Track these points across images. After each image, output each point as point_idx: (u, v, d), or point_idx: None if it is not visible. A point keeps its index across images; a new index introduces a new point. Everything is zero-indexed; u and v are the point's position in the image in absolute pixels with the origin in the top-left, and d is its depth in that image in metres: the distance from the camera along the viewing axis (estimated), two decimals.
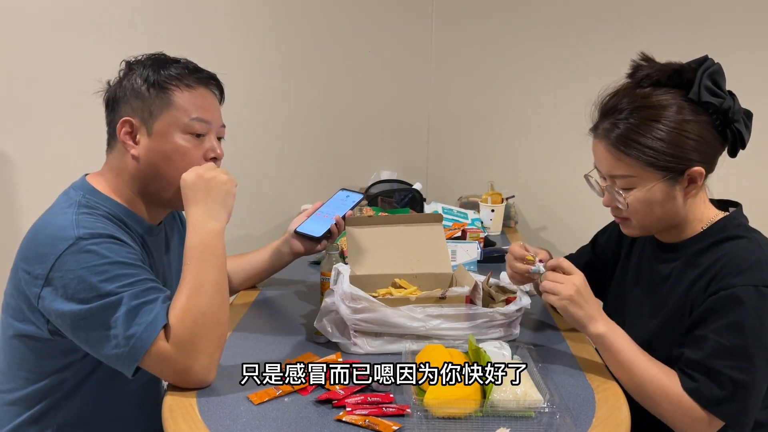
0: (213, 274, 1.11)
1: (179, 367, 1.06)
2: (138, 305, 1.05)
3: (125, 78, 1.21)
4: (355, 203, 1.54)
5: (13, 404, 1.18)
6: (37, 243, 1.10)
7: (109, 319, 1.04)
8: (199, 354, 1.06)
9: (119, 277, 1.06)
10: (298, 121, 2.54)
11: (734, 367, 1.04)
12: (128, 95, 1.19)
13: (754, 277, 1.07)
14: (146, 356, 1.04)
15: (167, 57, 1.24)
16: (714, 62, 1.14)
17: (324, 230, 1.49)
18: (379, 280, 1.39)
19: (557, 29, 2.45)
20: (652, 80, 1.15)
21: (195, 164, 1.19)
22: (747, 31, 2.30)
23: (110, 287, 1.05)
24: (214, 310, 1.09)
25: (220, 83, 1.27)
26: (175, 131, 1.19)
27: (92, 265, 1.05)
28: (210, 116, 1.23)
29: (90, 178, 1.23)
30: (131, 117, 1.18)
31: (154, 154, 1.19)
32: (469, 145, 2.62)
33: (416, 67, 2.55)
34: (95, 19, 2.28)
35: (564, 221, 2.57)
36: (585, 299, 1.15)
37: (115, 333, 1.04)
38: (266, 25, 2.44)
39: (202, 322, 1.07)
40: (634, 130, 1.12)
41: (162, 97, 1.18)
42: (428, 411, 0.99)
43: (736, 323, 1.05)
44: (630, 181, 1.15)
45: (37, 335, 1.13)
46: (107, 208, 1.18)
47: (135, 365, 1.05)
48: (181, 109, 1.19)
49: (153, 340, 1.04)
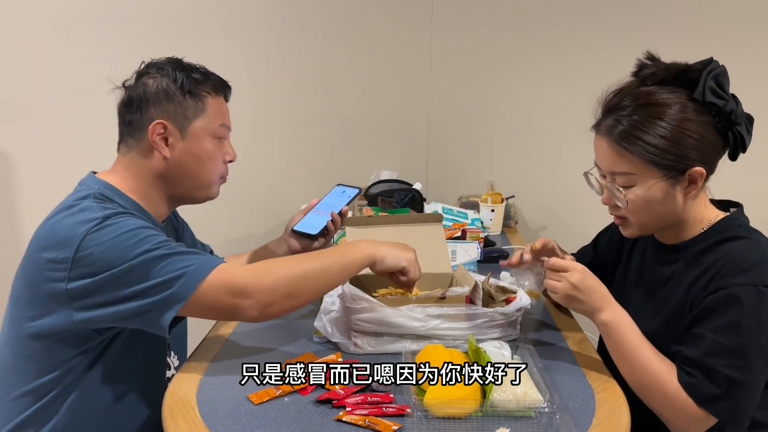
0: (315, 266, 1.17)
1: (237, 294, 1.10)
2: (183, 251, 1.10)
3: (148, 78, 1.24)
4: (351, 198, 1.54)
5: (21, 397, 1.17)
6: (57, 230, 1.11)
7: (151, 270, 1.07)
8: (266, 278, 1.12)
9: (152, 238, 1.09)
10: (298, 121, 2.54)
11: (731, 365, 1.04)
12: (160, 97, 1.22)
13: (753, 277, 1.07)
14: (198, 290, 1.07)
15: (186, 62, 1.28)
16: (719, 64, 1.14)
17: (321, 227, 1.48)
18: (379, 280, 1.38)
19: (557, 29, 2.45)
20: (657, 79, 1.15)
21: (219, 165, 1.30)
22: (752, 32, 2.30)
23: (145, 247, 1.08)
24: (290, 275, 1.14)
25: (230, 88, 1.34)
26: (206, 136, 1.26)
27: (122, 233, 1.08)
28: (229, 122, 1.32)
29: (102, 175, 1.25)
30: (164, 120, 1.22)
31: (187, 156, 1.25)
32: (469, 145, 2.62)
33: (416, 67, 2.55)
34: (96, 18, 2.28)
35: (564, 221, 2.57)
36: (584, 292, 1.16)
37: (162, 280, 1.07)
38: (266, 26, 2.44)
39: (273, 269, 1.13)
40: (637, 127, 1.12)
41: (197, 103, 1.25)
42: (428, 411, 1.00)
43: (734, 322, 1.05)
44: (631, 178, 1.15)
45: (60, 327, 1.12)
46: (122, 202, 1.20)
47: (180, 304, 1.07)
48: (211, 116, 1.26)
49: (206, 275, 1.08)
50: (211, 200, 1.33)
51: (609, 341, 1.16)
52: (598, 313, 1.16)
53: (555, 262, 1.20)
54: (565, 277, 1.17)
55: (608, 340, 1.16)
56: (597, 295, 1.16)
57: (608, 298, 1.17)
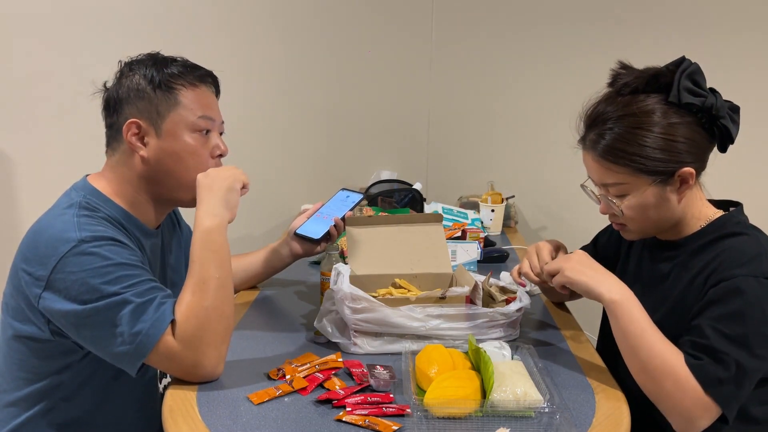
0: (214, 270, 1.11)
1: (188, 362, 1.06)
2: (143, 303, 1.05)
3: (124, 78, 1.21)
4: (354, 204, 1.54)
5: (11, 405, 1.18)
6: (38, 244, 1.10)
7: (114, 317, 1.04)
8: (207, 348, 1.07)
9: (122, 278, 1.06)
10: (298, 121, 2.54)
11: (737, 352, 1.04)
12: (132, 96, 1.19)
13: (754, 269, 1.07)
14: (153, 353, 1.05)
15: (165, 56, 1.24)
16: (691, 62, 1.14)
17: (323, 232, 1.49)
18: (379, 280, 1.39)
19: (557, 29, 2.45)
20: (631, 88, 1.15)
21: (205, 162, 1.22)
22: (748, 32, 2.30)
23: (113, 288, 1.05)
24: (218, 303, 1.10)
25: (216, 79, 1.28)
26: (183, 130, 1.20)
27: (94, 267, 1.05)
28: (213, 113, 1.25)
29: (91, 179, 1.23)
30: (138, 118, 1.18)
31: (164, 154, 1.19)
32: (469, 145, 2.62)
33: (416, 67, 2.55)
34: (96, 18, 2.28)
35: (564, 221, 2.57)
36: (589, 266, 1.16)
37: (121, 330, 1.04)
38: (266, 25, 2.44)
39: (207, 316, 1.08)
40: (620, 140, 1.13)
41: (168, 96, 1.19)
42: (428, 411, 0.99)
43: (738, 312, 1.05)
44: (622, 188, 1.16)
45: (38, 336, 1.13)
46: (107, 210, 1.18)
47: (140, 362, 1.05)
48: (187, 108, 1.20)
49: (160, 336, 1.04)
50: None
51: (616, 320, 1.11)
52: (606, 287, 1.12)
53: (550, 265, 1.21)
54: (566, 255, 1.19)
55: (616, 319, 1.11)
56: (604, 270, 1.16)
57: (615, 277, 1.15)
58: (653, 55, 1.20)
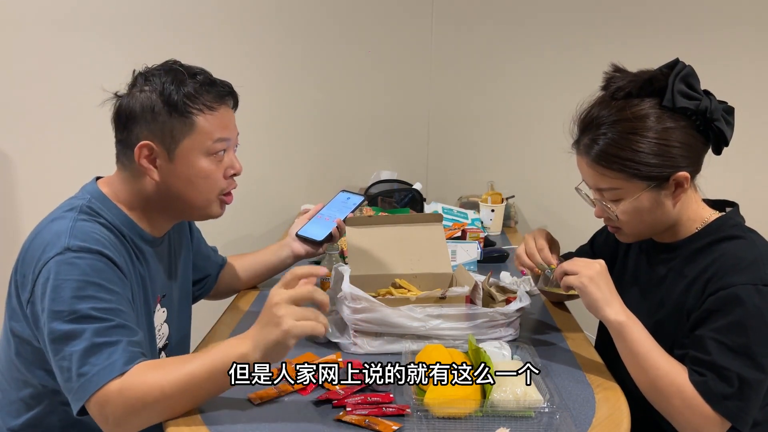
0: (200, 393, 1.00)
1: (113, 419, 0.98)
2: (99, 344, 0.99)
3: (138, 90, 1.15)
4: (356, 206, 1.55)
5: (12, 405, 1.17)
6: (33, 246, 1.09)
7: (67, 351, 1.00)
8: (136, 420, 0.99)
9: (92, 298, 1.02)
10: (298, 121, 2.54)
11: (740, 365, 1.04)
12: (146, 114, 1.13)
13: (752, 276, 1.07)
14: (91, 400, 0.98)
15: (182, 69, 1.17)
16: (685, 65, 1.13)
17: (325, 234, 1.49)
18: (379, 280, 1.39)
19: (557, 30, 2.45)
20: (625, 92, 1.14)
21: (217, 184, 1.19)
22: (746, 33, 2.30)
23: (80, 306, 1.01)
24: (176, 402, 0.99)
25: (236, 95, 1.23)
26: (198, 155, 1.16)
27: (70, 279, 1.02)
28: (230, 133, 1.20)
29: (101, 183, 1.21)
30: (150, 141, 1.14)
31: (175, 179, 1.16)
32: (469, 145, 2.62)
33: (416, 67, 2.55)
34: (96, 18, 2.28)
35: (564, 221, 2.57)
36: (605, 283, 1.12)
37: (69, 366, 0.99)
38: (266, 25, 2.44)
39: (156, 400, 0.98)
40: (614, 145, 1.12)
41: (184, 121, 1.14)
42: (428, 411, 0.99)
43: (738, 323, 1.05)
44: (616, 193, 1.15)
45: (31, 339, 1.11)
46: (109, 216, 1.16)
47: (80, 404, 0.99)
48: (204, 133, 1.15)
49: (101, 386, 0.97)
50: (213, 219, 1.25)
51: (622, 341, 1.11)
52: (613, 308, 1.11)
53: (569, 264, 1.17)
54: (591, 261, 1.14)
55: (622, 340, 1.11)
56: (615, 292, 1.13)
57: (620, 298, 1.14)
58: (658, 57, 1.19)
